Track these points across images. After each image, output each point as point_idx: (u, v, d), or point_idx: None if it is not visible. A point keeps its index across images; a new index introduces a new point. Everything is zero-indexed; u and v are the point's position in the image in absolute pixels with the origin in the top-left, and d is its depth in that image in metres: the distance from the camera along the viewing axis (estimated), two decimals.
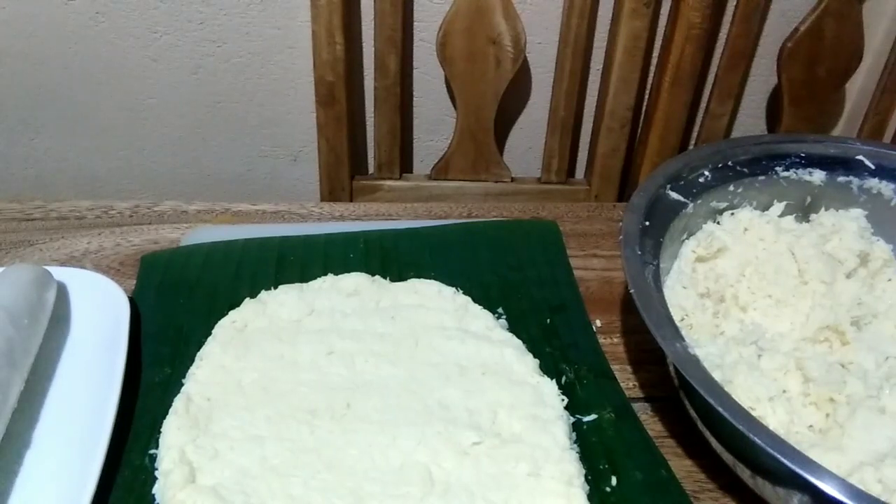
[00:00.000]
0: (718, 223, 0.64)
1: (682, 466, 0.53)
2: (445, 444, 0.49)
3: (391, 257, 0.67)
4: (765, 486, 0.47)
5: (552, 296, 0.64)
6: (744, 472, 0.48)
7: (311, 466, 0.48)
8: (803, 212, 0.66)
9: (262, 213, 0.74)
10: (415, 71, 0.94)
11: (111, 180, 1.02)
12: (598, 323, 0.64)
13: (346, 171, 0.93)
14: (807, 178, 0.65)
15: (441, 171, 0.96)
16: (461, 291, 0.61)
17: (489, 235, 0.70)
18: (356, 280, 0.61)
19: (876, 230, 0.64)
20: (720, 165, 0.64)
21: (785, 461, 0.41)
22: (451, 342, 0.56)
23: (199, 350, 0.55)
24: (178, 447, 0.48)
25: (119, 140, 0.97)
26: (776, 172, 0.65)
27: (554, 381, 0.54)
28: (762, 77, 0.99)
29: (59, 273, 0.59)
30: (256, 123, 0.97)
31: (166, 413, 0.51)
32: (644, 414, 0.57)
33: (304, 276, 0.62)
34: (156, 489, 0.48)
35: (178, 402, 0.51)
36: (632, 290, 0.51)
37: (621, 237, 0.55)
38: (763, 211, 0.65)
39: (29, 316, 0.53)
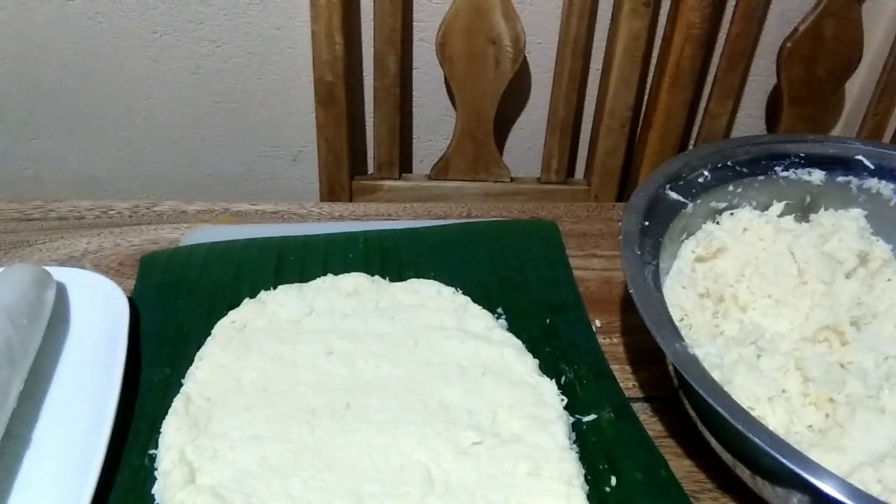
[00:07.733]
0: (718, 223, 0.64)
1: (681, 466, 0.53)
2: (445, 444, 0.49)
3: (391, 257, 0.67)
4: (764, 486, 0.47)
5: (552, 296, 0.64)
6: (743, 472, 0.48)
7: (311, 466, 0.48)
8: (803, 212, 0.66)
9: (261, 213, 0.74)
10: (414, 71, 0.94)
11: (111, 180, 1.02)
12: (598, 323, 0.64)
13: (345, 171, 0.93)
14: (806, 177, 0.65)
15: (441, 171, 0.96)
16: (461, 291, 0.61)
17: (489, 235, 0.70)
18: (356, 280, 0.61)
19: (875, 230, 0.64)
20: (720, 165, 0.64)
21: (785, 461, 0.41)
22: (451, 342, 0.56)
23: (198, 350, 0.55)
24: (178, 447, 0.48)
25: (119, 140, 0.97)
26: (776, 172, 0.65)
27: (554, 381, 0.54)
28: (762, 77, 0.99)
29: (59, 273, 0.59)
30: (256, 123, 0.97)
31: (166, 413, 0.50)
32: (644, 414, 0.57)
33: (304, 276, 0.62)
34: (155, 489, 0.48)
35: (178, 402, 0.51)
36: (631, 290, 0.51)
37: (621, 237, 0.55)
38: (762, 211, 0.65)
39: (28, 316, 0.53)
